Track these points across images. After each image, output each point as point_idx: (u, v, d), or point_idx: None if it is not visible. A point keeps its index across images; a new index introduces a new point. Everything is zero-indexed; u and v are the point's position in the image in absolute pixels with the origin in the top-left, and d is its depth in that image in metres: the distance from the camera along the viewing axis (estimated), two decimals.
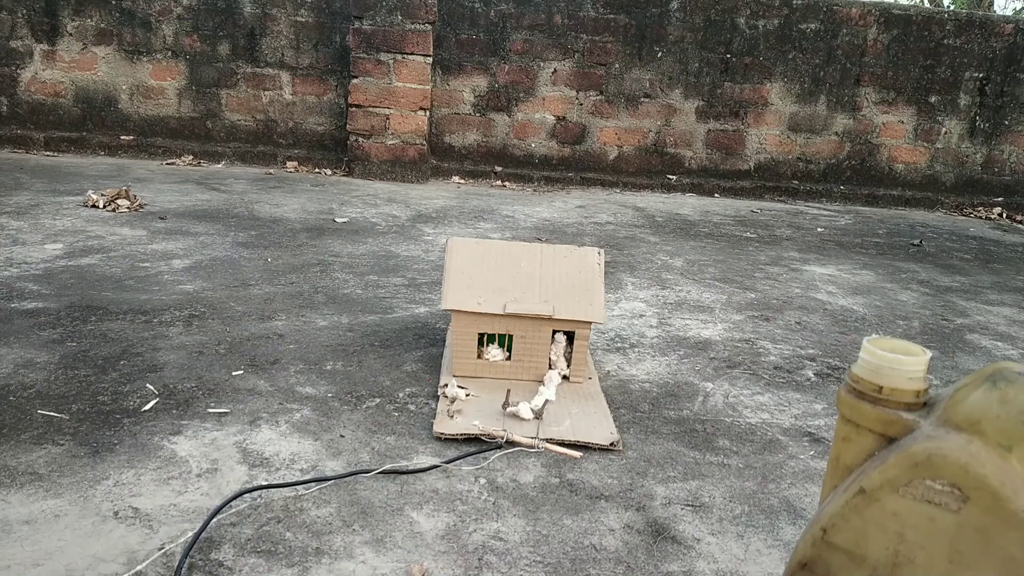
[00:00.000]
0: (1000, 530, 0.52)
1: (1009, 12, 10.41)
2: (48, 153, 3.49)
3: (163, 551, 0.81)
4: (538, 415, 1.15)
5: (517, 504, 0.95)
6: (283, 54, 3.61)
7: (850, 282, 2.24)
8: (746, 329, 1.71)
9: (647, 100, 3.75)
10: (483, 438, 1.08)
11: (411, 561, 0.82)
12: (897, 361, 0.57)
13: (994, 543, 0.53)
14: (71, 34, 3.52)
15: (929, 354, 0.58)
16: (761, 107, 3.78)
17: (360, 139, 3.46)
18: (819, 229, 3.09)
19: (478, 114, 3.72)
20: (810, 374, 1.47)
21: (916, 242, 2.95)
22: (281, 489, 0.94)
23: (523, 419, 1.14)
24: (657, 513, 0.95)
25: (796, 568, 0.60)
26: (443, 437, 1.09)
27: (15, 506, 0.87)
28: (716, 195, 3.76)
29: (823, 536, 0.57)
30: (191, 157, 3.56)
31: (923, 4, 8.49)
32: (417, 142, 3.48)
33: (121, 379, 1.22)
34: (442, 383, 1.25)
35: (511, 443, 1.08)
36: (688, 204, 3.47)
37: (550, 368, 1.29)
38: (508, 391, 1.23)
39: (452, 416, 1.13)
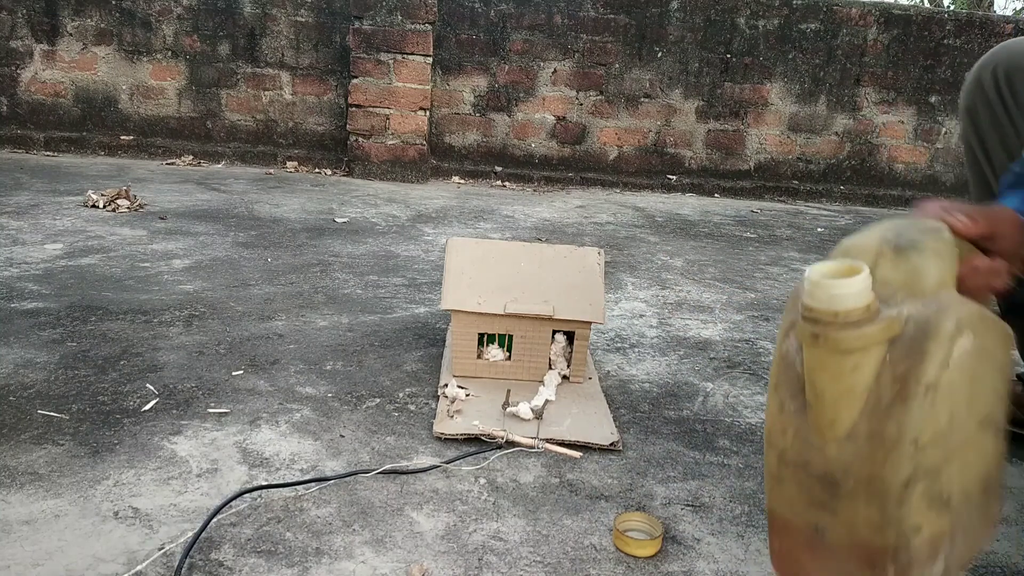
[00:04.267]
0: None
1: (1009, 12, 10.41)
2: (48, 153, 3.49)
3: (163, 551, 0.81)
4: (538, 415, 1.15)
5: (517, 504, 0.95)
6: (283, 54, 3.61)
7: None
8: (746, 329, 1.71)
9: (647, 100, 3.75)
10: (483, 438, 1.08)
11: (411, 561, 0.82)
12: (841, 285, 0.56)
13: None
14: (71, 34, 3.52)
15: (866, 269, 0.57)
16: (761, 107, 3.79)
17: (360, 139, 3.46)
18: (819, 229, 3.09)
19: (478, 114, 3.72)
20: None
21: None
22: (281, 489, 0.94)
23: (523, 419, 1.14)
24: (657, 513, 0.95)
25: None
26: (443, 437, 1.09)
27: (15, 506, 0.87)
28: (716, 195, 3.76)
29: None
30: (191, 157, 3.56)
31: (923, 4, 8.49)
32: (417, 142, 3.48)
33: (121, 379, 1.22)
34: (442, 383, 1.25)
35: (511, 443, 1.08)
36: (688, 204, 3.47)
37: (550, 368, 1.29)
38: (508, 391, 1.23)
39: (452, 416, 1.13)
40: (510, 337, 1.27)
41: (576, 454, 1.07)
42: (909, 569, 0.56)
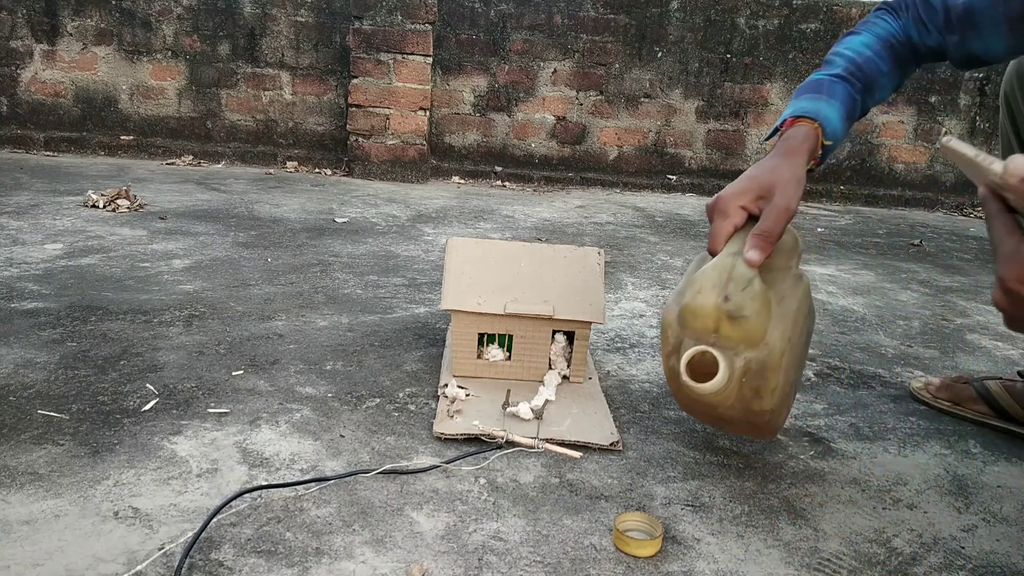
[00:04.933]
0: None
1: None
2: (48, 153, 3.49)
3: (163, 551, 0.81)
4: (538, 415, 1.15)
5: (517, 504, 0.95)
6: (283, 54, 3.61)
7: (850, 282, 2.24)
8: None
9: (647, 100, 3.75)
10: (483, 438, 1.08)
11: (411, 561, 0.82)
12: (704, 388, 0.88)
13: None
14: (71, 34, 3.52)
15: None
16: (761, 107, 3.79)
17: (360, 139, 3.46)
18: (819, 229, 3.09)
19: (478, 114, 3.72)
20: (810, 374, 1.47)
21: (916, 242, 2.95)
22: (281, 489, 0.94)
23: (523, 419, 1.14)
24: (657, 513, 0.95)
25: None
26: (443, 437, 1.09)
27: (15, 506, 0.87)
28: None
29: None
30: (191, 157, 3.56)
31: None
32: (417, 142, 3.48)
33: (121, 379, 1.22)
34: (442, 383, 1.25)
35: (511, 443, 1.08)
36: (688, 204, 3.48)
37: (550, 368, 1.29)
38: (508, 391, 1.23)
39: (452, 416, 1.13)
40: (510, 337, 1.27)
41: (576, 454, 1.07)
42: (776, 421, 0.93)
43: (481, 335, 1.28)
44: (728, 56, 3.71)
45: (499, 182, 3.66)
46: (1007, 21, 0.99)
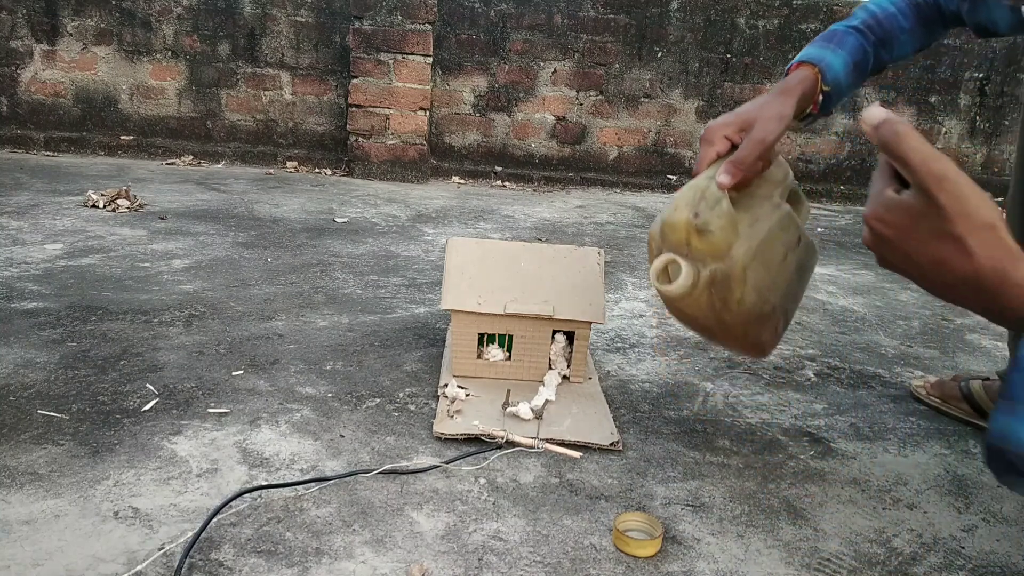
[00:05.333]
0: None
1: None
2: (48, 153, 3.49)
3: (163, 551, 0.81)
4: (538, 415, 1.15)
5: (517, 504, 0.95)
6: (283, 54, 3.61)
7: (850, 282, 2.24)
8: None
9: (647, 100, 3.75)
10: (483, 438, 1.08)
11: (411, 561, 0.82)
12: (670, 289, 0.92)
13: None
14: (71, 34, 3.52)
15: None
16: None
17: (360, 139, 3.46)
18: (819, 229, 3.09)
19: (478, 114, 3.72)
20: (810, 374, 1.47)
21: None
22: (281, 489, 0.94)
23: (523, 419, 1.14)
24: (657, 513, 0.95)
25: None
26: (443, 437, 1.09)
27: (15, 506, 0.87)
28: None
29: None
30: (191, 157, 3.56)
31: None
32: (417, 142, 3.48)
33: (121, 379, 1.22)
34: (442, 383, 1.25)
35: (511, 443, 1.08)
36: None
37: (550, 368, 1.29)
38: (508, 391, 1.23)
39: (452, 416, 1.13)
40: (510, 337, 1.27)
41: (576, 454, 1.07)
42: (757, 337, 0.98)
43: (481, 335, 1.28)
44: (728, 56, 3.71)
45: (499, 182, 3.66)
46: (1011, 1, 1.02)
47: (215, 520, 0.86)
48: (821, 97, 1.07)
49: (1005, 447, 0.57)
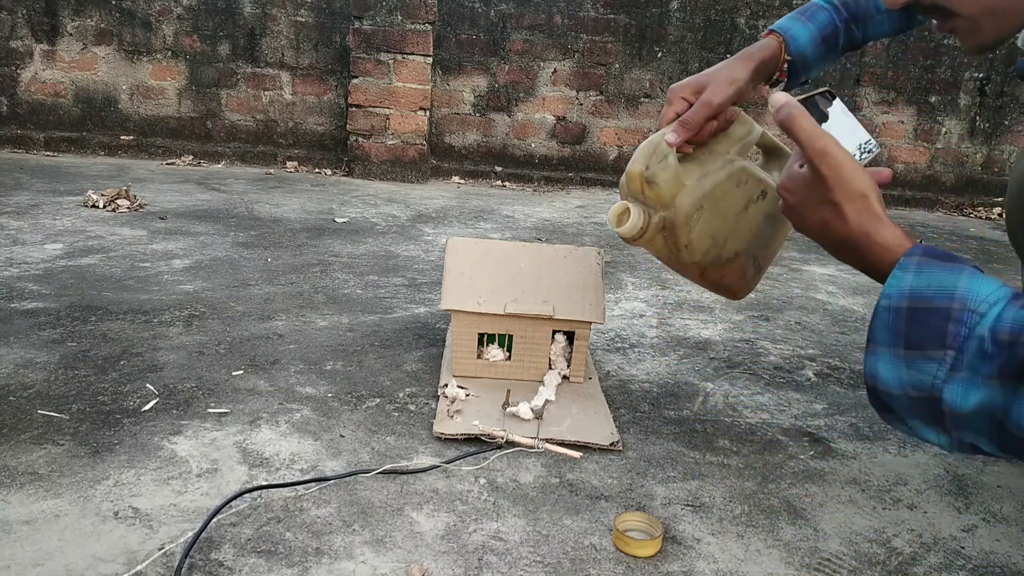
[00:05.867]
0: None
1: None
2: (48, 153, 3.49)
3: (163, 551, 0.81)
4: (538, 415, 1.15)
5: (517, 504, 0.95)
6: (283, 54, 3.61)
7: (850, 282, 2.24)
8: (746, 329, 1.71)
9: (647, 100, 3.75)
10: (483, 438, 1.08)
11: (411, 561, 0.82)
12: (622, 230, 1.02)
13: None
14: (71, 34, 3.52)
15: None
16: (761, 107, 3.78)
17: (360, 139, 3.46)
18: None
19: (478, 114, 3.72)
20: (810, 374, 1.47)
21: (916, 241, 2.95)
22: (281, 489, 0.94)
23: (523, 419, 1.14)
24: (657, 513, 0.95)
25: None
26: (443, 437, 1.09)
27: (15, 506, 0.87)
28: None
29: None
30: (191, 157, 3.56)
31: None
32: (417, 142, 3.48)
33: (121, 379, 1.22)
34: (442, 383, 1.25)
35: (511, 443, 1.08)
36: None
37: (550, 368, 1.29)
38: (508, 391, 1.23)
39: (452, 416, 1.13)
40: (510, 337, 1.27)
41: (576, 454, 1.07)
42: (724, 280, 1.10)
43: (481, 335, 1.28)
44: (728, 56, 3.71)
45: (499, 182, 3.66)
46: None
47: (215, 520, 0.86)
48: (786, 66, 1.14)
49: (874, 384, 0.68)
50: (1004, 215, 1.27)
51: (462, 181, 3.63)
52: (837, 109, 1.00)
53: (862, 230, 0.69)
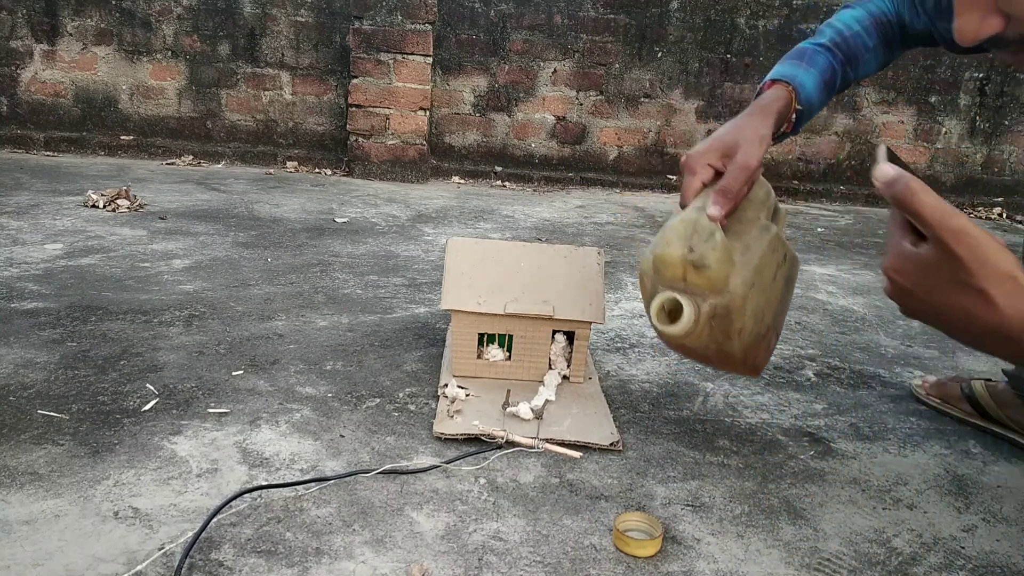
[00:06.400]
0: None
1: None
2: (48, 153, 3.49)
3: (163, 551, 0.81)
4: (538, 415, 1.15)
5: (517, 504, 0.95)
6: (283, 54, 3.61)
7: (850, 282, 2.24)
8: None
9: (647, 100, 3.75)
10: (483, 438, 1.08)
11: (411, 561, 0.82)
12: (670, 329, 0.91)
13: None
14: (71, 34, 3.52)
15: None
16: None
17: (360, 139, 3.46)
18: (819, 229, 3.09)
19: (478, 114, 3.72)
20: (810, 374, 1.47)
21: None
22: (281, 489, 0.94)
23: (523, 419, 1.14)
24: (657, 513, 0.95)
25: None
26: (443, 437, 1.09)
27: (15, 506, 0.87)
28: None
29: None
30: (191, 157, 3.56)
31: None
32: (417, 142, 3.48)
33: (121, 379, 1.22)
34: (442, 383, 1.25)
35: (511, 443, 1.08)
36: None
37: (550, 368, 1.29)
38: (508, 391, 1.23)
39: (452, 416, 1.13)
40: (510, 337, 1.27)
41: (576, 454, 1.07)
42: (754, 361, 0.99)
43: (481, 335, 1.28)
44: (728, 56, 3.71)
45: (499, 182, 3.66)
46: None
47: (215, 520, 0.86)
48: (794, 115, 1.08)
49: None
50: None
51: (462, 181, 3.63)
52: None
53: (1019, 316, 0.59)
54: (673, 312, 0.91)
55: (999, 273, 0.60)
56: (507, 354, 1.29)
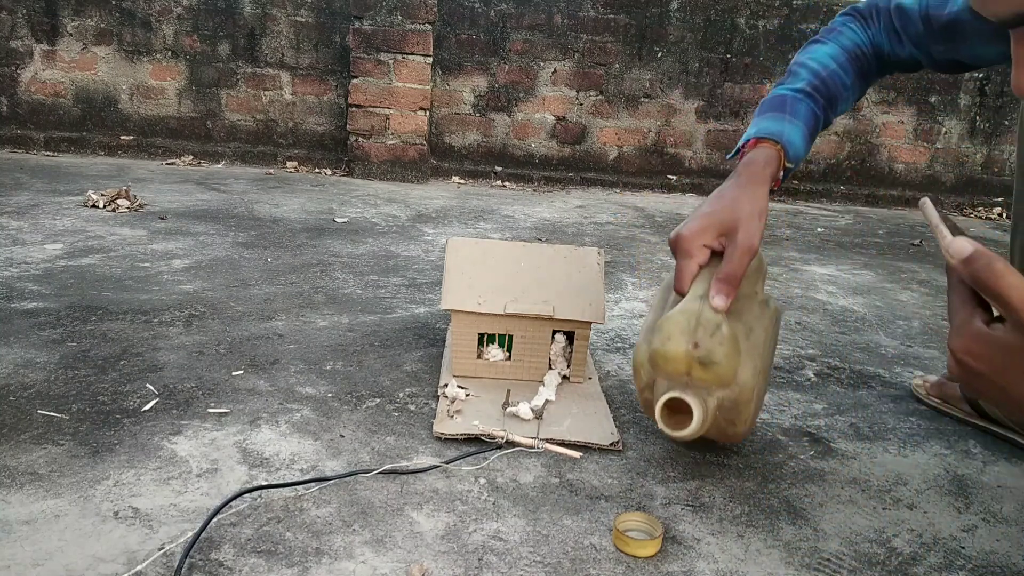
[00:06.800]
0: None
1: None
2: (48, 153, 3.49)
3: (163, 551, 0.81)
4: (538, 415, 1.15)
5: (517, 504, 0.95)
6: (283, 54, 3.61)
7: (850, 282, 2.24)
8: None
9: (647, 100, 3.75)
10: (483, 438, 1.08)
11: (411, 561, 0.82)
12: (681, 435, 0.92)
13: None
14: (71, 34, 3.52)
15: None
16: None
17: (360, 139, 3.46)
18: (819, 229, 3.09)
19: (478, 114, 3.72)
20: (810, 374, 1.47)
21: (916, 242, 2.95)
22: (281, 489, 0.94)
23: (523, 419, 1.14)
24: (657, 513, 0.95)
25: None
26: (443, 437, 1.09)
27: (15, 506, 0.87)
28: None
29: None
30: (191, 157, 3.56)
31: None
32: (417, 142, 3.49)
33: (121, 379, 1.22)
34: (442, 383, 1.25)
35: (511, 443, 1.08)
36: (688, 204, 3.47)
37: (550, 368, 1.29)
38: (508, 391, 1.23)
39: (452, 416, 1.13)
40: (510, 337, 1.27)
41: (576, 454, 1.07)
42: (748, 423, 0.95)
43: (481, 335, 1.28)
44: (728, 56, 3.71)
45: (499, 182, 3.66)
46: (994, 31, 0.98)
47: (215, 520, 0.86)
48: (783, 173, 1.02)
49: None
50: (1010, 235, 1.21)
51: (462, 181, 3.63)
52: None
53: None
54: (675, 406, 0.86)
55: None
56: (507, 354, 1.29)
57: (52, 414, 1.09)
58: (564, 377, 1.30)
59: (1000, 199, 3.91)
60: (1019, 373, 0.58)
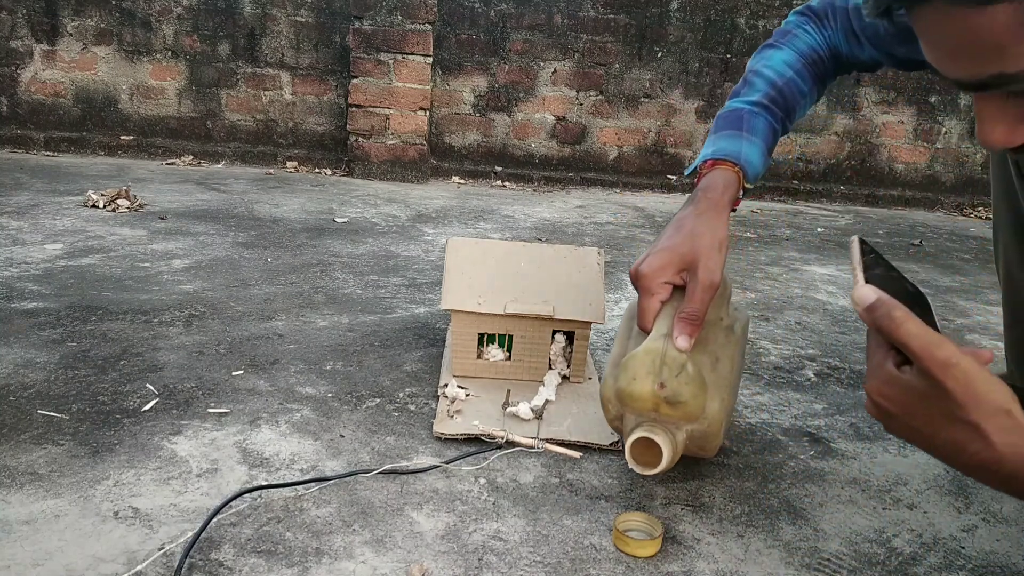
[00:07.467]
0: None
1: None
2: (48, 153, 3.49)
3: (163, 551, 0.81)
4: (538, 415, 1.15)
5: (517, 504, 0.95)
6: (283, 54, 3.61)
7: (850, 282, 2.24)
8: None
9: (647, 100, 3.75)
10: (483, 438, 1.08)
11: (411, 561, 0.82)
12: (650, 472, 0.89)
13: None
14: (71, 34, 3.52)
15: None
16: None
17: (360, 139, 3.46)
18: (819, 229, 3.09)
19: (478, 114, 3.72)
20: (810, 374, 1.47)
21: (916, 242, 2.96)
22: (281, 489, 0.94)
23: (523, 419, 1.14)
24: (657, 513, 0.95)
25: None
26: (443, 437, 1.09)
27: (15, 506, 0.87)
28: None
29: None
30: (191, 157, 3.56)
31: None
32: (417, 142, 3.49)
33: (121, 379, 1.22)
34: (442, 383, 1.25)
35: (511, 443, 1.08)
36: None
37: (550, 368, 1.29)
38: (508, 391, 1.23)
39: (452, 416, 1.13)
40: (510, 337, 1.27)
41: (576, 454, 1.07)
42: (719, 444, 0.94)
43: (481, 335, 1.28)
44: (728, 56, 3.71)
45: (499, 182, 3.66)
46: None
47: (215, 520, 0.86)
48: (741, 194, 0.99)
49: None
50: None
51: (462, 181, 3.63)
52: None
53: (1016, 453, 0.57)
54: (646, 441, 0.87)
55: (992, 407, 0.57)
56: (507, 354, 1.29)
57: (52, 414, 1.09)
58: (564, 377, 1.30)
59: None
60: (927, 416, 0.60)
